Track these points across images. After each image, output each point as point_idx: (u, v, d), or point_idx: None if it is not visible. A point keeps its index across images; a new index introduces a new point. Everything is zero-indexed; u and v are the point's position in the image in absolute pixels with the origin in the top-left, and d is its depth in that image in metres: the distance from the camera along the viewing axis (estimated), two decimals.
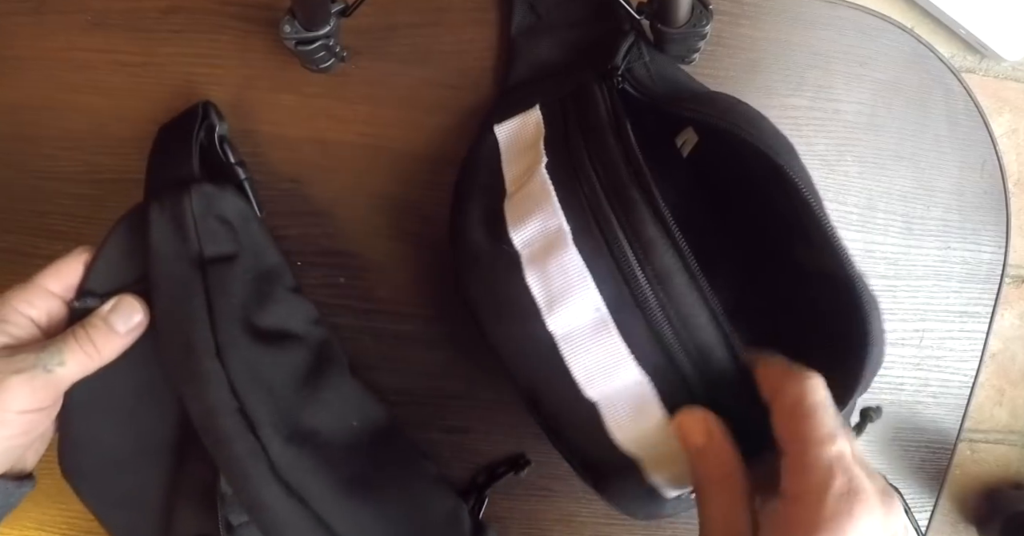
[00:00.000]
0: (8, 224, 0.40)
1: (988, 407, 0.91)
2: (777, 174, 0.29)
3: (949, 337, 0.44)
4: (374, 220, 0.41)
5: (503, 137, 0.35)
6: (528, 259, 0.29)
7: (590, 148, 0.31)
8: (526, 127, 0.35)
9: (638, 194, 0.28)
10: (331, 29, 0.36)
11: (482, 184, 0.34)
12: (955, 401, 0.45)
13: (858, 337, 0.29)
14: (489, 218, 0.32)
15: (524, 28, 0.39)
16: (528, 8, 0.39)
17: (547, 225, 0.29)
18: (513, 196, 0.32)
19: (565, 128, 0.33)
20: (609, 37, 0.37)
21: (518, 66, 0.39)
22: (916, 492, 0.45)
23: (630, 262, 0.28)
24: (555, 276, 0.29)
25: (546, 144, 0.33)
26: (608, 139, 0.30)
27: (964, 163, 0.44)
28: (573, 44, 0.39)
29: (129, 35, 0.40)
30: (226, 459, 0.29)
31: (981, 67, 0.94)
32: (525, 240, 0.30)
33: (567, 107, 0.34)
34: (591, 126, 0.31)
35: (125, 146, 0.40)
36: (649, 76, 0.36)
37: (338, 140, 0.41)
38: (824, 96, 0.43)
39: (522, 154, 0.34)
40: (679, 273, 0.27)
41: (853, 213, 0.43)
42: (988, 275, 0.44)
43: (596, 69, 0.35)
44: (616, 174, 0.29)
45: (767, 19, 0.42)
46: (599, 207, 0.29)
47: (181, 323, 0.30)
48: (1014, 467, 0.92)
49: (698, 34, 0.37)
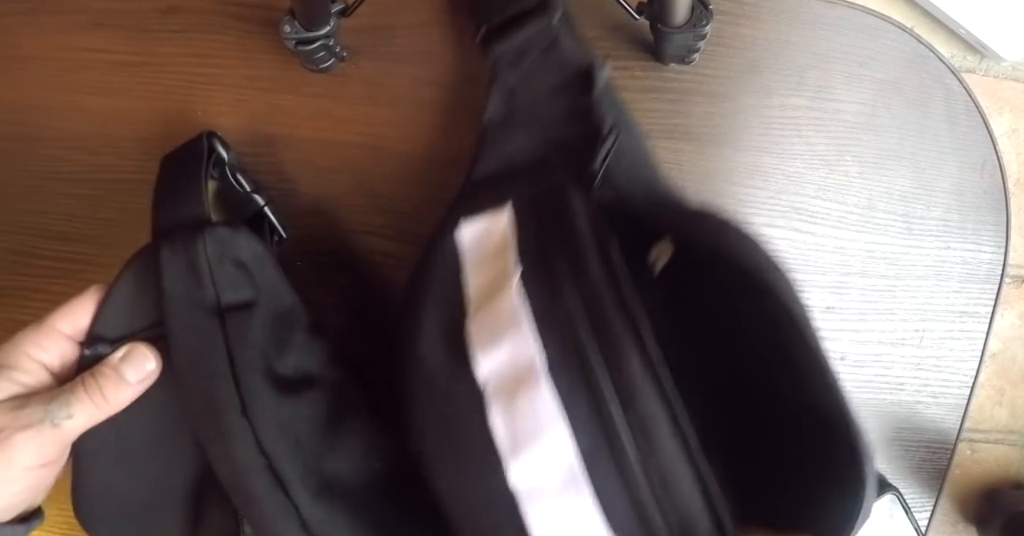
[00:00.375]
0: (8, 224, 0.40)
1: (988, 407, 0.91)
2: (766, 299, 0.26)
3: (949, 337, 0.44)
4: (374, 220, 0.41)
5: (467, 239, 0.31)
6: (493, 392, 0.25)
7: (570, 266, 0.27)
8: (495, 228, 0.31)
9: (623, 326, 0.25)
10: (331, 29, 0.36)
11: (439, 295, 0.30)
12: (955, 401, 0.45)
13: (848, 488, 0.24)
14: (448, 337, 0.28)
15: (498, 120, 0.37)
16: (504, 100, 0.37)
17: (518, 354, 0.25)
18: (479, 312, 0.28)
19: (540, 235, 0.29)
20: (585, 139, 0.35)
21: (488, 158, 0.36)
22: (916, 492, 0.45)
23: (609, 406, 0.24)
24: (523, 415, 0.25)
25: (519, 251, 0.29)
26: (590, 259, 0.27)
27: (964, 163, 0.44)
28: (548, 141, 0.36)
29: (129, 35, 0.40)
30: (257, 516, 0.28)
31: (981, 67, 0.94)
32: (492, 368, 0.26)
33: (541, 208, 0.30)
34: (570, 237, 0.28)
35: (125, 146, 0.40)
36: (626, 178, 0.34)
37: (338, 140, 0.41)
38: (824, 96, 0.43)
39: (490, 261, 0.30)
40: (665, 423, 0.24)
41: (853, 213, 0.43)
42: (988, 275, 0.44)
43: (572, 170, 0.33)
44: (600, 301, 0.25)
45: (767, 19, 0.42)
46: (579, 336, 0.25)
47: (202, 378, 0.29)
48: (1014, 467, 0.92)
49: (698, 34, 0.37)
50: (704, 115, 0.42)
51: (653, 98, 0.42)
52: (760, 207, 0.42)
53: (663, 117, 0.42)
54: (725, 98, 0.42)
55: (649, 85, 0.42)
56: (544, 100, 0.37)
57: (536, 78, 0.37)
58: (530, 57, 0.37)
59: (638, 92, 0.41)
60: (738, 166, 0.42)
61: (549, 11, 0.36)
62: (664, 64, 0.41)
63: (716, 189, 0.42)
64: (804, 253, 0.43)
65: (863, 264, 0.43)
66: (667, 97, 0.42)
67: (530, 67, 0.37)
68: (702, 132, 0.42)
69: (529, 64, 0.37)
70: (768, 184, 0.42)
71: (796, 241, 0.43)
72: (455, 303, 0.29)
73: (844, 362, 0.44)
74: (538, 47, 0.37)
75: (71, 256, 0.40)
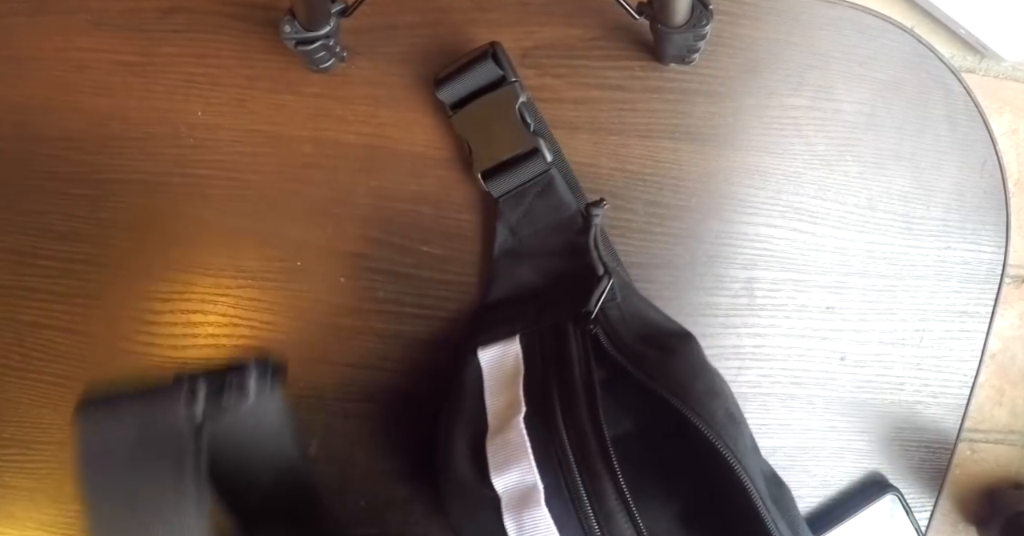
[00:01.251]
0: (8, 224, 0.40)
1: (988, 407, 0.91)
2: (722, 460, 0.32)
3: (949, 337, 0.44)
4: (374, 220, 0.41)
5: (485, 364, 0.37)
6: (507, 504, 0.32)
7: (564, 412, 0.34)
8: (506, 358, 0.37)
9: (603, 467, 0.32)
10: (331, 29, 0.36)
11: (467, 410, 0.36)
12: (955, 401, 0.45)
13: None
14: (474, 453, 0.35)
15: (505, 250, 0.41)
16: (509, 233, 0.41)
17: (524, 479, 0.32)
18: (495, 438, 0.34)
19: (543, 373, 0.36)
20: (586, 273, 0.38)
21: (499, 285, 0.41)
22: (916, 492, 0.45)
23: (594, 529, 0.31)
24: (527, 528, 0.32)
25: (525, 390, 0.35)
26: (581, 410, 0.33)
27: (964, 163, 0.44)
28: (551, 272, 0.41)
29: (129, 35, 0.40)
30: None
31: (981, 67, 0.94)
32: (504, 487, 0.33)
33: (546, 345, 0.37)
34: (566, 382, 0.35)
35: (125, 146, 0.40)
36: (622, 316, 0.38)
37: (338, 140, 0.41)
38: (824, 96, 0.43)
39: (503, 388, 0.36)
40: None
41: (853, 213, 0.43)
42: (988, 275, 0.44)
43: (573, 303, 0.37)
44: (586, 446, 0.32)
45: (767, 19, 0.42)
46: (571, 474, 0.32)
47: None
48: (1014, 467, 0.92)
49: (698, 34, 0.37)
50: (704, 115, 0.42)
51: (653, 98, 0.42)
52: (760, 207, 0.42)
53: (663, 117, 0.42)
54: (725, 98, 0.42)
55: (649, 85, 0.42)
56: (545, 236, 0.41)
57: (535, 216, 0.40)
58: (528, 198, 0.40)
59: (638, 92, 0.41)
60: (738, 166, 0.42)
61: (540, 156, 0.39)
62: (664, 64, 0.41)
63: (716, 189, 0.42)
64: (804, 253, 0.43)
65: (863, 264, 0.43)
66: (667, 97, 0.42)
67: (530, 207, 0.40)
68: (702, 132, 0.42)
69: (528, 204, 0.40)
70: (768, 184, 0.42)
71: (796, 241, 0.43)
72: (480, 420, 0.36)
73: (844, 362, 0.44)
74: (535, 189, 0.40)
75: (71, 256, 0.40)
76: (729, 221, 0.42)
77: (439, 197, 0.41)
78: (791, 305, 0.43)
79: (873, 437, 0.44)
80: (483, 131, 0.40)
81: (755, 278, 0.43)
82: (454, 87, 0.39)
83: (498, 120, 0.39)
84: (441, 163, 0.41)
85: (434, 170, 0.41)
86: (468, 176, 0.41)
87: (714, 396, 0.34)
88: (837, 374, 0.44)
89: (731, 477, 0.32)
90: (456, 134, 0.40)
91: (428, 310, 0.41)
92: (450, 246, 0.41)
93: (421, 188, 0.41)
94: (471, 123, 0.40)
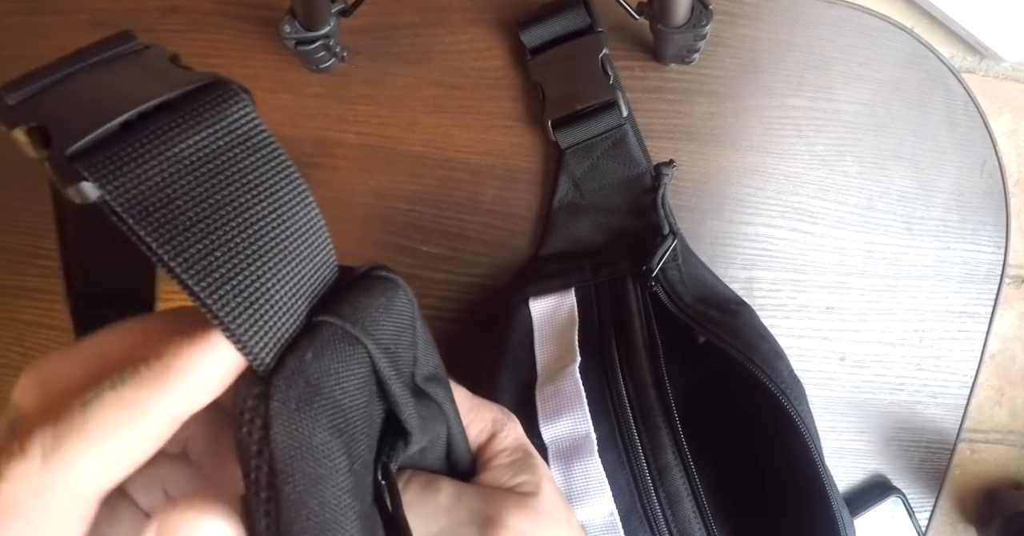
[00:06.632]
0: (8, 224, 0.40)
1: (988, 407, 0.91)
2: (787, 418, 0.32)
3: (949, 337, 0.44)
4: (374, 220, 0.41)
5: (537, 315, 0.37)
6: (554, 454, 0.32)
7: (623, 363, 0.33)
8: (560, 310, 0.37)
9: (662, 420, 0.31)
10: (331, 29, 0.36)
11: (515, 360, 0.36)
12: (955, 401, 0.45)
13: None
14: (521, 399, 0.34)
15: (565, 204, 0.40)
16: (572, 186, 0.40)
17: (576, 429, 0.32)
18: (544, 387, 0.34)
19: (599, 327, 0.35)
20: (647, 232, 0.38)
21: (554, 238, 0.40)
22: (916, 492, 0.45)
23: (647, 481, 0.31)
24: (577, 477, 0.31)
25: (580, 342, 0.34)
26: (641, 361, 0.33)
27: (964, 163, 0.44)
28: (610, 229, 0.40)
29: None
30: None
31: (981, 67, 0.94)
32: (553, 437, 0.32)
33: (602, 300, 0.36)
34: (625, 335, 0.34)
35: None
36: (681, 278, 0.37)
37: (338, 140, 0.41)
38: (824, 96, 0.43)
39: (555, 339, 0.36)
40: (688, 499, 0.31)
41: (853, 213, 0.43)
42: (988, 275, 0.44)
43: (632, 260, 0.37)
44: (645, 397, 0.32)
45: (767, 19, 0.42)
46: (627, 425, 0.32)
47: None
48: (1014, 467, 0.92)
49: (698, 34, 0.37)
50: (704, 115, 0.42)
51: (653, 98, 0.42)
52: (760, 207, 0.42)
53: (663, 117, 0.42)
54: (725, 98, 0.42)
55: (649, 85, 0.42)
56: (609, 192, 0.40)
57: (602, 171, 0.40)
58: (597, 152, 0.40)
59: (638, 92, 0.41)
60: (738, 166, 0.42)
61: (616, 110, 0.39)
62: (664, 64, 0.41)
63: (716, 189, 0.42)
64: (804, 253, 0.43)
65: (863, 264, 0.43)
66: (667, 97, 0.42)
67: (597, 161, 0.40)
68: (702, 132, 0.42)
69: (596, 157, 0.40)
70: (768, 184, 0.42)
71: (796, 241, 0.43)
72: (528, 370, 0.35)
73: (844, 362, 0.44)
74: (605, 144, 0.40)
75: None
76: (729, 221, 0.42)
77: (439, 200, 0.41)
78: (791, 305, 0.43)
79: (873, 437, 0.44)
80: (561, 78, 0.39)
81: (755, 278, 0.43)
82: (539, 30, 0.39)
83: (579, 68, 0.38)
84: (442, 163, 0.41)
85: (434, 170, 0.41)
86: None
87: (779, 357, 0.34)
88: (837, 374, 0.44)
89: (793, 436, 0.32)
90: (528, 81, 0.39)
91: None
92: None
93: (421, 188, 0.41)
94: (550, 69, 0.39)
